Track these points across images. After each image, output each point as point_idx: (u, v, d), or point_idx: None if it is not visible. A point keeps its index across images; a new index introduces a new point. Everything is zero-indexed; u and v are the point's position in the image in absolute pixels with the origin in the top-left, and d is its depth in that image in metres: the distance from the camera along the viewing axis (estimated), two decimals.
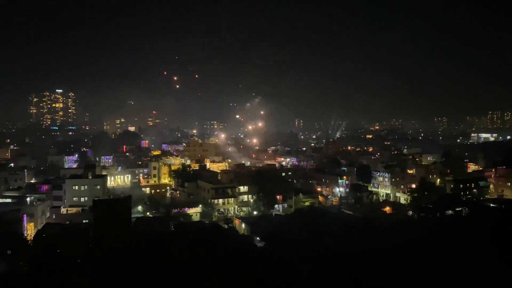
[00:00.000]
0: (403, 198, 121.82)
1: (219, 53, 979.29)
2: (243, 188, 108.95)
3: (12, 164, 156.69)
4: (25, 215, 77.91)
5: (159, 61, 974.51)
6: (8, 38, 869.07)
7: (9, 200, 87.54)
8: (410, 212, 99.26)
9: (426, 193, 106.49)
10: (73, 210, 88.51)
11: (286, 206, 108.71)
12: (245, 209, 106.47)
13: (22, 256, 55.79)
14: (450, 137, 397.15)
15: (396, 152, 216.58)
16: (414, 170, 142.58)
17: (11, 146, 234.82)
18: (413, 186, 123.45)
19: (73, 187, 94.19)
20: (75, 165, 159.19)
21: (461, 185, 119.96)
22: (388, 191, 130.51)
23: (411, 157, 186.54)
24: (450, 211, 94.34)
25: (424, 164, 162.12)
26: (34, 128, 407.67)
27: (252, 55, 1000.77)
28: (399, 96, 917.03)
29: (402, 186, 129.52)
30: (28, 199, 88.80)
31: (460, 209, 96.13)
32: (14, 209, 78.41)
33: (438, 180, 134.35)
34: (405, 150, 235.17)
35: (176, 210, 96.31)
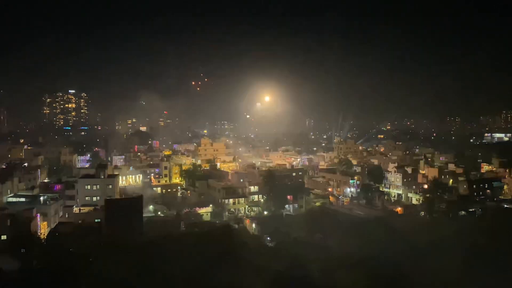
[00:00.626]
0: (415, 199, 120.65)
1: (229, 54, 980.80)
2: (253, 188, 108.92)
3: (26, 164, 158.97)
4: (38, 214, 78.84)
5: (171, 62, 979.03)
6: (22, 39, 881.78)
7: (23, 199, 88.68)
8: (423, 213, 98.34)
9: (438, 193, 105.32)
10: (86, 209, 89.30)
11: (296, 206, 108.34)
12: (255, 209, 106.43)
13: (36, 255, 56.58)
14: (463, 137, 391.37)
15: (407, 152, 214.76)
16: (426, 170, 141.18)
17: (25, 146, 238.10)
18: (425, 186, 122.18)
19: (86, 187, 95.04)
20: (87, 165, 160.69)
21: (474, 186, 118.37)
22: (400, 192, 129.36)
23: (423, 157, 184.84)
24: (463, 212, 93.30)
25: (437, 165, 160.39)
26: (47, 128, 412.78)
27: (262, 55, 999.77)
28: (411, 96, 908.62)
29: (414, 187, 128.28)
30: (41, 198, 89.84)
31: (473, 210, 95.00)
32: (28, 208, 79.39)
33: (451, 180, 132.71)
34: (417, 150, 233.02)
35: (187, 209, 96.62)
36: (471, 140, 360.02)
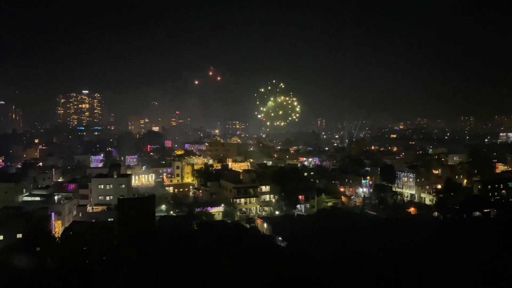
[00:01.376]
0: (428, 199, 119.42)
1: (240, 54, 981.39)
2: (265, 188, 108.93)
3: (40, 164, 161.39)
4: (53, 213, 79.99)
5: (183, 62, 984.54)
6: (36, 40, 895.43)
7: (38, 199, 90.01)
8: (436, 213, 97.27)
9: (452, 194, 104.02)
10: (99, 208, 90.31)
11: (308, 206, 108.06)
12: (267, 209, 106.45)
13: (50, 253, 57.28)
14: (477, 136, 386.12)
15: (421, 152, 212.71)
16: (439, 170, 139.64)
17: (40, 146, 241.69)
18: (439, 186, 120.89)
19: (99, 186, 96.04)
20: (100, 165, 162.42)
21: (489, 186, 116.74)
22: (413, 192, 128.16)
23: (436, 157, 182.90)
24: (477, 213, 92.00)
25: (450, 164, 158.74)
26: (62, 128, 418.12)
27: (274, 55, 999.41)
28: (424, 95, 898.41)
29: (427, 187, 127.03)
30: (56, 197, 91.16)
31: (488, 210, 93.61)
32: (42, 207, 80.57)
33: (465, 180, 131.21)
34: (430, 150, 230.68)
35: (198, 209, 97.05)
36: (486, 140, 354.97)
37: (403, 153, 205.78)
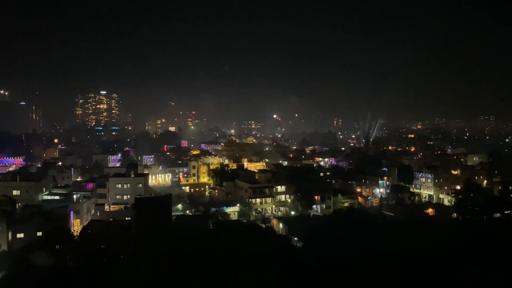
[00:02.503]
0: (447, 200, 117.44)
1: (257, 54, 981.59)
2: (280, 188, 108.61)
3: (60, 163, 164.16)
4: (72, 211, 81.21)
5: (199, 63, 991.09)
6: (56, 42, 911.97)
7: (57, 197, 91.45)
8: (455, 215, 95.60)
9: (472, 195, 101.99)
10: (116, 207, 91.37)
11: (324, 206, 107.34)
12: (282, 209, 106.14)
13: (69, 251, 58.21)
14: (498, 136, 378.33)
15: (439, 152, 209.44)
16: (458, 171, 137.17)
17: (59, 146, 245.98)
18: (458, 187, 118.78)
19: (117, 185, 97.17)
20: (118, 164, 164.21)
21: (510, 187, 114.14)
22: (431, 193, 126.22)
23: (455, 157, 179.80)
24: (498, 214, 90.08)
25: (470, 165, 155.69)
26: (80, 129, 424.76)
27: (290, 54, 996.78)
28: (442, 94, 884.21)
29: (445, 188, 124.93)
30: (74, 196, 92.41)
31: (509, 212, 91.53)
32: (62, 206, 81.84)
33: (485, 181, 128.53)
34: (449, 150, 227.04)
35: (214, 208, 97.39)
36: (507, 140, 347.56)
37: (421, 153, 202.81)
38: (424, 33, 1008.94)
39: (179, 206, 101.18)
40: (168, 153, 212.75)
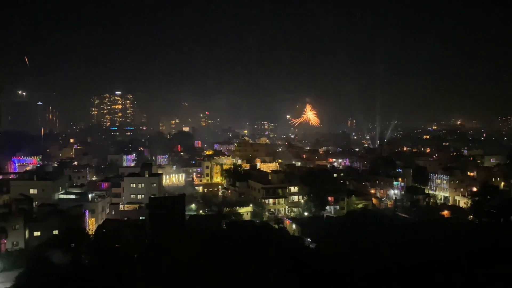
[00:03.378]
0: (463, 202, 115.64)
1: (270, 54, 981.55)
2: (293, 189, 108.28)
3: (75, 163, 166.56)
4: (87, 210, 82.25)
5: (212, 63, 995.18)
6: (72, 43, 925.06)
7: (73, 196, 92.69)
8: (471, 217, 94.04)
9: (488, 197, 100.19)
10: (131, 207, 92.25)
11: (338, 208, 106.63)
12: (295, 209, 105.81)
13: (84, 249, 58.97)
14: None
15: (455, 153, 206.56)
16: (475, 172, 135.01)
17: (75, 146, 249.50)
18: (474, 189, 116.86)
19: (131, 185, 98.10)
20: (133, 164, 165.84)
21: None
22: (447, 194, 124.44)
23: (472, 158, 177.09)
24: None
25: (487, 166, 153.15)
26: (95, 129, 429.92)
27: (305, 55, 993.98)
28: (459, 95, 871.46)
29: (461, 189, 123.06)
30: (89, 195, 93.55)
31: None
32: (77, 205, 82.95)
33: (502, 183, 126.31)
34: (465, 152, 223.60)
35: (227, 209, 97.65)
36: None
37: (436, 155, 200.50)
38: (441, 32, 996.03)
39: (193, 206, 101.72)
40: (181, 153, 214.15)
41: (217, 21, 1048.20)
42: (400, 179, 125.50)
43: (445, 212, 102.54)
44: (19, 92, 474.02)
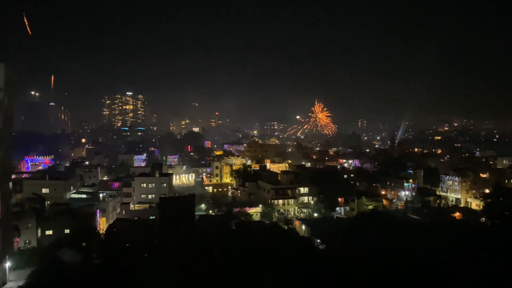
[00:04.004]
0: (475, 204, 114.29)
1: (280, 55, 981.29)
2: (303, 190, 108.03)
3: (87, 162, 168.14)
4: (98, 210, 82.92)
5: (223, 63, 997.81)
6: (84, 44, 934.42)
7: (84, 196, 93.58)
8: (483, 219, 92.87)
9: (501, 199, 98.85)
10: (141, 206, 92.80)
11: (348, 209, 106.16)
12: (305, 210, 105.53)
13: (95, 249, 59.43)
14: None
15: (467, 154, 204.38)
16: (487, 174, 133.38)
17: (86, 146, 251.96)
18: (487, 191, 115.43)
19: (142, 185, 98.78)
20: (143, 164, 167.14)
21: None
22: (458, 196, 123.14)
23: (484, 160, 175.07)
24: None
25: (499, 168, 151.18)
26: (107, 129, 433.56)
27: (315, 56, 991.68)
28: (470, 95, 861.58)
29: (474, 191, 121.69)
30: (101, 195, 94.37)
31: None
32: (88, 204, 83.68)
33: None
34: (477, 153, 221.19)
35: (237, 209, 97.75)
36: None
37: (447, 156, 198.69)
38: (452, 31, 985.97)
39: (202, 206, 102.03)
40: (191, 154, 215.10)
41: (228, 21, 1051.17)
42: (411, 180, 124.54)
43: (457, 214, 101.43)
44: (31, 92, 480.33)
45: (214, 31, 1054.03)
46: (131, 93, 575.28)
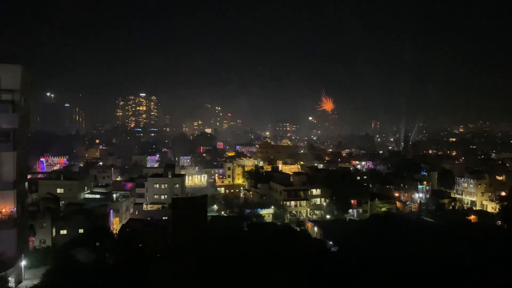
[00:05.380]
0: (490, 207, 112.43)
1: (293, 56, 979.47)
2: (315, 191, 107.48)
3: (101, 163, 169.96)
4: (111, 210, 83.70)
5: (236, 65, 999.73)
6: (98, 46, 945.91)
7: (98, 196, 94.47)
8: (499, 222, 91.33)
9: None
10: (154, 207, 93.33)
11: (361, 211, 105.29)
12: (317, 212, 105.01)
13: (109, 248, 59.97)
14: None
15: (483, 156, 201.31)
16: (504, 176, 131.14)
17: (100, 146, 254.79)
18: (503, 194, 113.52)
19: (155, 185, 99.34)
20: (156, 165, 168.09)
21: None
22: (473, 199, 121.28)
23: (500, 162, 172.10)
24: None
25: None
26: (120, 130, 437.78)
27: (328, 56, 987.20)
28: (486, 96, 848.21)
29: (489, 194, 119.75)
30: (114, 195, 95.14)
31: None
32: (102, 204, 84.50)
33: None
34: (493, 155, 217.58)
35: (249, 210, 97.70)
36: None
37: (463, 158, 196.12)
38: (467, 32, 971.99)
39: (214, 206, 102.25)
40: (204, 155, 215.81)
41: (241, 23, 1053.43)
42: (425, 182, 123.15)
43: (472, 217, 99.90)
44: (47, 94, 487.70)
45: (228, 32, 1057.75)
46: (144, 94, 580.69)
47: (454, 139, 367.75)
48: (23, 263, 56.50)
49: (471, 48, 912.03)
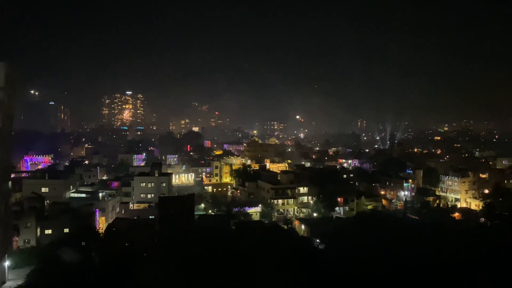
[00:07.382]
0: (474, 204, 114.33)
1: (280, 55, 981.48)
2: (303, 189, 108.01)
3: (86, 162, 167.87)
4: (97, 209, 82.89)
5: (223, 63, 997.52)
6: (83, 43, 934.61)
7: (83, 195, 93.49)
8: (483, 219, 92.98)
9: (500, 199, 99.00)
10: (141, 206, 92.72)
11: (347, 209, 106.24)
12: (305, 210, 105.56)
13: (95, 248, 59.46)
14: None
15: (467, 155, 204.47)
16: (487, 174, 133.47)
17: (86, 145, 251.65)
18: (486, 191, 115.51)
19: (141, 184, 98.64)
20: (143, 163, 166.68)
21: None
22: (458, 196, 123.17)
23: (484, 160, 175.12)
24: None
25: (499, 168, 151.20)
26: (106, 128, 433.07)
27: (315, 56, 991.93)
28: (471, 96, 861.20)
29: (473, 191, 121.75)
30: (100, 194, 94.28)
31: None
32: (88, 203, 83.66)
33: None
34: (477, 153, 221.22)
35: (236, 209, 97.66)
36: None
37: (447, 156, 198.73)
38: (451, 32, 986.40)
39: (202, 205, 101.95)
40: (191, 153, 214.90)
41: (227, 21, 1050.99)
42: (410, 180, 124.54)
43: (456, 214, 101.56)
44: (31, 91, 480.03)
45: (214, 30, 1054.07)
46: (130, 93, 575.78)
47: (439, 138, 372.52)
48: (7, 263, 55.73)
49: (456, 48, 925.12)
